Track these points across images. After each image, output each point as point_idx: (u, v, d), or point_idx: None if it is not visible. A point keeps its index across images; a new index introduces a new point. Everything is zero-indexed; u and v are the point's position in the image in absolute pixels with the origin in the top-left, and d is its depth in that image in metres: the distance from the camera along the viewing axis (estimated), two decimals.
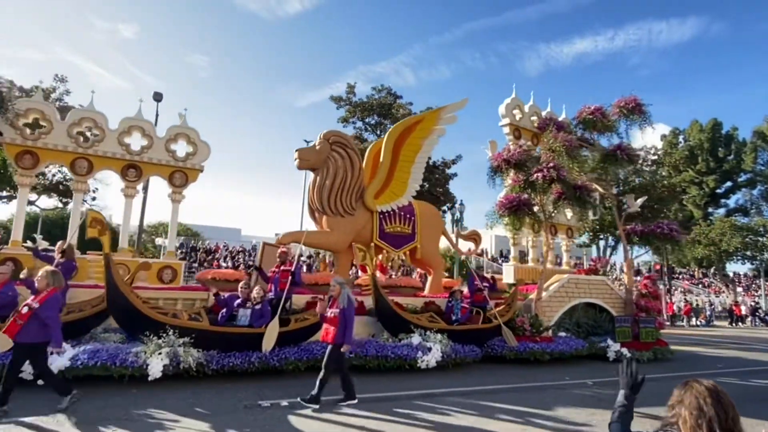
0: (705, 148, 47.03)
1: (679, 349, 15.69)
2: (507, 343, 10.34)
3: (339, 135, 11.55)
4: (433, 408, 6.48)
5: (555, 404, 6.98)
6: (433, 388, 7.64)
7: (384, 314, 9.55)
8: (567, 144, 12.01)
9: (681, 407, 1.87)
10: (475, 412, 6.37)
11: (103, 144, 9.51)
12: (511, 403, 6.93)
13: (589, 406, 6.98)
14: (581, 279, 13.06)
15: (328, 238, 11.15)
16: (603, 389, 8.22)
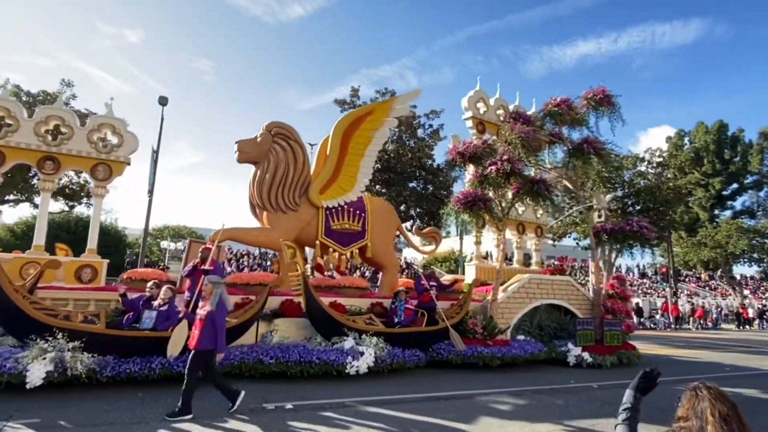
0: (711, 150, 46.44)
1: (661, 353, 15.01)
2: (455, 347, 9.67)
3: (281, 126, 10.91)
4: (332, 419, 5.81)
5: (477, 415, 6.30)
6: (353, 396, 6.98)
7: (315, 316, 8.89)
8: (523, 136, 11.34)
9: (696, 419, 1.84)
10: (378, 424, 5.70)
11: (17, 135, 8.91)
12: (427, 413, 6.25)
13: (519, 418, 6.29)
14: (544, 279, 12.37)
15: (268, 235, 10.50)
16: (549, 397, 7.54)
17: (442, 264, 34.16)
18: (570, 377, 9.58)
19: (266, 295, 8.68)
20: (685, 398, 1.95)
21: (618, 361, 11.29)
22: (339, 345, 8.52)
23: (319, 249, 10.97)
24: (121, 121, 9.82)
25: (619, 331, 11.75)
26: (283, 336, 8.94)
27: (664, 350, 16.60)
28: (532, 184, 11.28)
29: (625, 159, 31.56)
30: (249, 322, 8.39)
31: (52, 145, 9.13)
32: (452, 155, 11.55)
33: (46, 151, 9.07)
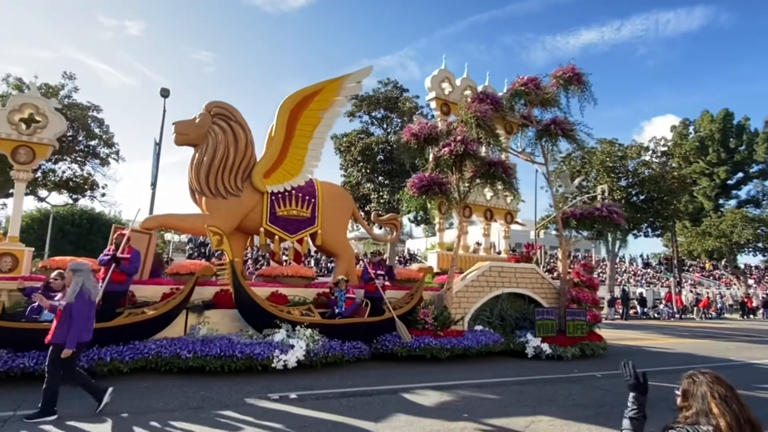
0: (716, 139, 45.69)
1: (636, 344, 14.48)
2: (402, 339, 9.15)
3: (222, 106, 10.27)
4: (222, 418, 5.28)
5: (394, 411, 5.76)
6: (268, 392, 6.45)
7: (245, 307, 8.36)
8: (479, 115, 10.67)
9: (698, 403, 1.92)
10: (272, 423, 5.16)
11: None
12: (338, 410, 5.72)
13: (437, 415, 5.75)
14: (506, 267, 11.79)
15: (206, 222, 9.91)
16: (486, 392, 7.00)
17: None
18: (524, 370, 9.05)
19: (191, 286, 8.14)
20: (683, 387, 2.00)
21: (581, 353, 10.77)
22: (269, 338, 8.01)
23: (264, 237, 10.40)
24: (44, 101, 9.20)
25: (583, 321, 11.19)
26: (213, 328, 8.41)
27: (657, 340, 16.27)
28: (489, 166, 10.64)
29: (630, 149, 30.97)
30: (170, 314, 7.85)
31: None
32: (406, 137, 10.91)
33: None
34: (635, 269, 49.62)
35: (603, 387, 7.81)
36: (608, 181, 28.52)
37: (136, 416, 5.24)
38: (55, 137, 9.30)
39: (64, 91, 23.95)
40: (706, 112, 47.31)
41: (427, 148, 11.12)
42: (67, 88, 24.10)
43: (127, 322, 7.38)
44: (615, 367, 9.29)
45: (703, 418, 1.89)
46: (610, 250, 32.89)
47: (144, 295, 8.47)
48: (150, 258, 9.41)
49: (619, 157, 30.21)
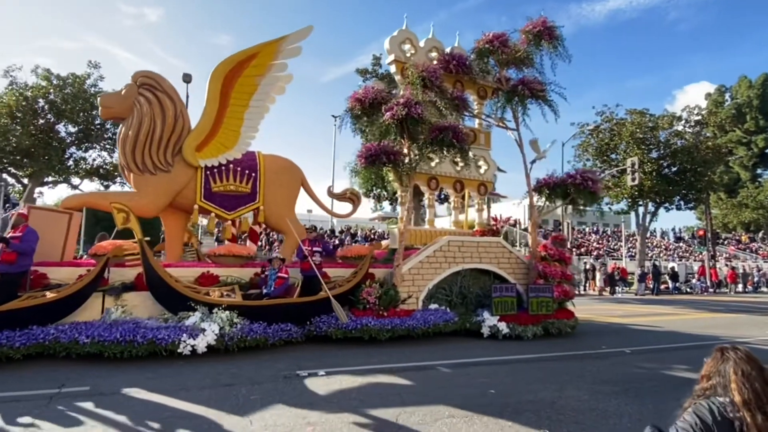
0: (754, 106, 43.18)
1: (630, 321, 13.54)
2: (339, 320, 8.50)
3: (147, 75, 9.59)
4: (72, 410, 4.72)
5: (274, 402, 5.12)
6: (144, 382, 5.87)
7: (156, 289, 7.81)
8: (425, 75, 9.69)
9: (719, 377, 1.93)
10: (118, 415, 4.57)
11: None
12: (207, 401, 5.11)
13: (319, 406, 5.08)
14: (467, 241, 10.94)
15: (134, 200, 9.34)
16: (404, 376, 6.30)
17: None
18: (467, 351, 8.31)
19: (101, 267, 7.62)
20: (710, 358, 2.02)
21: (544, 332, 9.94)
22: (182, 321, 7.47)
23: (197, 214, 9.81)
24: None
25: (548, 298, 10.32)
26: (130, 312, 7.90)
27: (679, 315, 15.56)
28: (438, 131, 9.70)
29: (661, 119, 29.30)
30: (75, 296, 7.36)
31: None
32: (351, 102, 10.04)
33: None
34: (667, 243, 47.91)
35: (553, 368, 7.03)
36: (638, 153, 27.14)
37: None
38: None
39: (91, 80, 24.03)
40: (744, 77, 44.58)
41: (377, 114, 10.24)
42: (93, 77, 24.22)
43: (23, 305, 6.92)
44: (578, 347, 8.91)
45: (720, 390, 1.91)
46: (640, 224, 31.53)
47: (59, 277, 8.01)
48: (72, 238, 8.95)
49: (650, 128, 28.77)
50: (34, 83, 22.12)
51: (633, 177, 25.51)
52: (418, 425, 4.63)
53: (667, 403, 5.32)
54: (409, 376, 6.53)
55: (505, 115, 12.55)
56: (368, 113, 10.12)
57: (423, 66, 10.05)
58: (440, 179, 12.77)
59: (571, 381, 6.40)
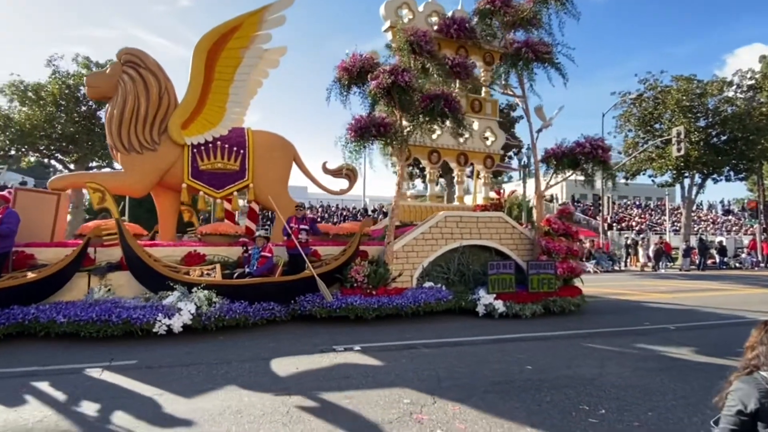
0: None
1: (655, 299, 12.80)
2: (325, 299, 8.29)
3: (131, 52, 9.40)
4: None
5: (224, 383, 4.95)
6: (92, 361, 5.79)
7: (134, 269, 7.76)
8: (413, 39, 9.08)
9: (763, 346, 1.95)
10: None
11: None
12: (156, 380, 4.99)
13: (274, 388, 4.87)
14: (465, 216, 10.44)
15: (120, 179, 9.34)
16: (362, 358, 6.02)
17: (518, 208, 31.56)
18: (452, 330, 7.95)
19: (82, 247, 7.63)
20: (755, 329, 2.05)
21: (544, 310, 9.43)
22: (158, 301, 7.42)
23: (186, 193, 9.70)
24: None
25: (550, 275, 9.75)
26: (114, 292, 7.92)
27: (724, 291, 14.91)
28: (429, 100, 9.13)
29: (710, 85, 27.50)
30: (57, 276, 7.41)
31: None
32: (339, 72, 9.58)
33: None
34: (714, 217, 45.48)
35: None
36: (684, 122, 25.63)
37: None
38: None
39: None
40: None
41: (366, 84, 9.74)
42: None
43: (3, 286, 7.00)
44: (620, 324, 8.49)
45: (763, 359, 1.92)
46: (686, 197, 30.00)
47: (46, 257, 8.06)
48: (62, 219, 9.03)
49: (698, 95, 27.07)
50: (75, 71, 22.36)
51: (678, 147, 24.14)
52: (454, 401, 4.53)
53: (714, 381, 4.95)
54: (445, 352, 6.42)
55: (512, 81, 11.81)
56: (357, 83, 9.63)
57: (411, 30, 9.43)
58: (442, 152, 12.26)
59: (612, 358, 6.25)
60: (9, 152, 22.05)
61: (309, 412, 4.28)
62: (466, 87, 12.07)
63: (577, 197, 47.50)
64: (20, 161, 23.96)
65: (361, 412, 4.30)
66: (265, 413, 4.24)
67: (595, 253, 24.68)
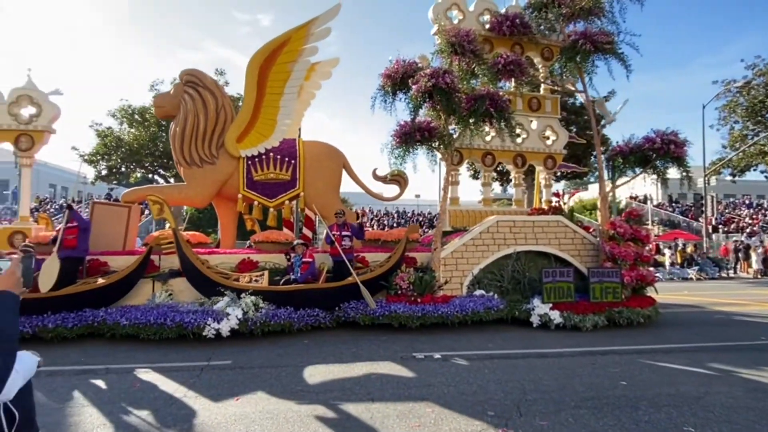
0: None
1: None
2: (369, 306, 8.26)
3: (191, 72, 10.10)
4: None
5: (252, 390, 5.08)
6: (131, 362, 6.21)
7: (189, 275, 8.24)
8: (454, 40, 8.78)
9: None
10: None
11: None
12: (191, 385, 5.23)
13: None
14: (519, 221, 9.88)
15: (183, 192, 10.03)
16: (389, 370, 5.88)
17: (591, 212, 30.13)
18: (499, 342, 7.52)
19: (144, 256, 8.27)
20: None
21: (607, 322, 8.64)
22: (210, 306, 7.81)
23: (242, 203, 10.17)
24: (38, 92, 10.00)
25: (615, 283, 8.92)
26: (174, 296, 8.49)
27: None
28: (473, 101, 8.78)
29: None
30: (123, 282, 8.09)
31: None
32: (383, 80, 9.56)
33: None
34: None
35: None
36: None
37: None
38: (50, 124, 10.07)
39: None
40: None
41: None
42: (220, 83, 26.83)
43: (78, 290, 7.78)
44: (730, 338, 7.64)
45: None
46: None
47: (118, 265, 8.84)
48: (133, 229, 9.86)
49: None
50: None
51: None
52: (541, 414, 4.37)
53: None
54: (530, 363, 6.22)
55: (570, 74, 11.09)
56: (401, 89, 9.54)
57: (452, 31, 9.17)
58: (496, 154, 11.77)
59: (719, 376, 5.71)
60: (120, 169, 24.58)
61: (391, 419, 4.29)
62: (522, 85, 11.52)
63: (675, 197, 43.50)
64: (129, 177, 26.65)
65: (443, 423, 4.21)
66: (349, 417, 4.35)
67: (698, 259, 22.36)
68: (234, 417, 4.37)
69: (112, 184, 28.74)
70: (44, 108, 9.97)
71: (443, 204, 9.80)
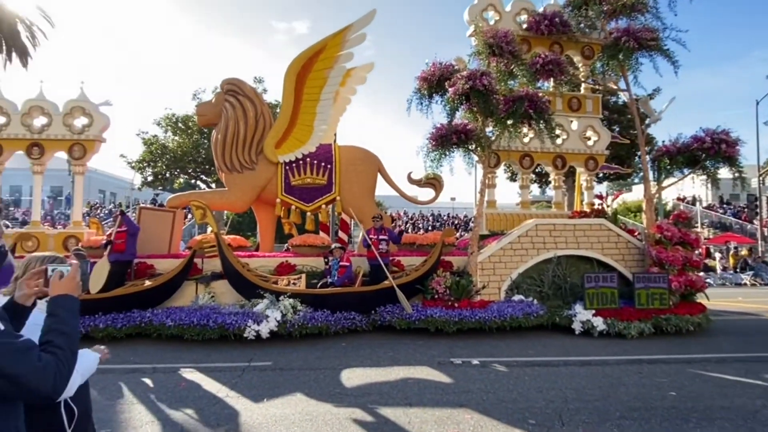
0: None
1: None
2: (405, 310, 8.25)
3: (231, 81, 10.39)
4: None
5: (290, 392, 5.16)
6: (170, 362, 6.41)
7: (231, 278, 8.45)
8: (493, 41, 8.65)
9: None
10: None
11: (9, 127, 10.30)
12: (232, 385, 5.36)
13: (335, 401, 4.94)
14: (560, 224, 9.63)
15: (225, 197, 10.31)
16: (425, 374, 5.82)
17: (636, 215, 29.29)
18: (542, 349, 7.33)
19: (188, 259, 8.55)
20: None
21: (654, 329, 8.28)
22: (251, 308, 7.99)
23: (280, 207, 10.36)
24: (90, 103, 10.54)
25: (662, 289, 8.55)
26: (216, 298, 8.73)
27: None
28: (511, 102, 8.63)
29: None
30: (168, 285, 8.39)
31: (35, 132, 10.32)
32: (419, 83, 9.54)
33: (31, 139, 10.31)
34: None
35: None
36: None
37: None
38: (101, 133, 10.60)
39: None
40: None
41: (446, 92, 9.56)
42: (258, 90, 27.67)
43: (126, 292, 8.13)
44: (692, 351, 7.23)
45: None
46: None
47: (163, 268, 9.18)
48: (178, 232, 10.22)
49: None
50: None
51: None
52: (584, 424, 4.29)
53: None
54: (572, 371, 6.09)
55: (612, 73, 10.74)
56: (437, 91, 9.50)
57: (490, 32, 9.05)
58: (535, 156, 11.54)
59: None
60: (165, 175, 25.60)
61: (429, 425, 4.29)
62: (561, 85, 11.25)
63: (727, 198, 41.26)
64: (173, 183, 27.67)
65: (482, 431, 4.18)
66: (387, 421, 4.38)
67: (753, 263, 21.16)
68: (274, 418, 4.44)
69: (157, 190, 29.85)
70: (95, 118, 10.51)
71: (480, 207, 9.68)
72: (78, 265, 1.74)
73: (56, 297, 1.63)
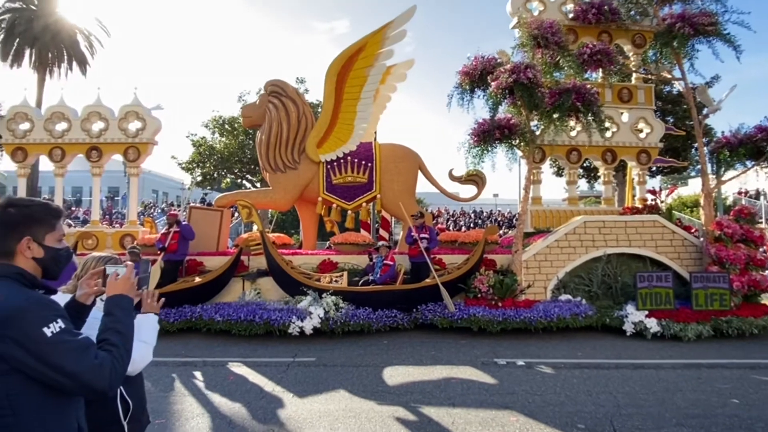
0: None
1: None
2: (447, 308, 8.17)
3: (274, 83, 10.60)
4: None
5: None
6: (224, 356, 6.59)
7: (276, 275, 8.63)
8: (538, 32, 8.36)
9: None
10: None
11: (71, 132, 10.95)
12: (272, 378, 5.48)
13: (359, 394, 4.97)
14: (610, 221, 9.23)
15: (269, 196, 10.55)
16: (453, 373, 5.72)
17: (692, 210, 28.16)
18: (591, 351, 7.06)
19: (235, 256, 8.81)
20: None
21: (713, 332, 7.79)
22: (295, 304, 8.15)
23: (321, 206, 10.49)
24: (143, 108, 11.04)
25: (723, 290, 8.03)
26: (262, 295, 8.97)
27: None
28: (557, 95, 8.33)
29: None
30: (216, 281, 8.69)
31: (94, 137, 10.93)
32: (461, 77, 9.39)
33: (90, 143, 10.92)
34: None
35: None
36: None
37: None
38: (153, 136, 11.09)
39: None
40: None
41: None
42: (300, 90, 28.29)
43: (178, 288, 8.48)
44: None
45: None
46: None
47: (212, 265, 9.51)
48: (225, 230, 10.55)
49: None
50: None
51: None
52: (638, 430, 4.16)
53: None
54: (623, 375, 5.89)
55: (666, 61, 10.20)
56: (479, 86, 9.31)
57: (535, 23, 8.78)
58: (583, 150, 11.11)
59: None
60: (213, 175, 26.56)
61: (473, 426, 4.26)
62: (611, 75, 10.77)
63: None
64: (220, 182, 28.64)
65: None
66: (430, 421, 4.38)
67: None
68: (319, 413, 4.50)
69: (206, 190, 30.96)
70: (148, 122, 11.00)
71: (524, 204, 9.43)
72: (132, 266, 1.81)
73: (113, 296, 1.70)
